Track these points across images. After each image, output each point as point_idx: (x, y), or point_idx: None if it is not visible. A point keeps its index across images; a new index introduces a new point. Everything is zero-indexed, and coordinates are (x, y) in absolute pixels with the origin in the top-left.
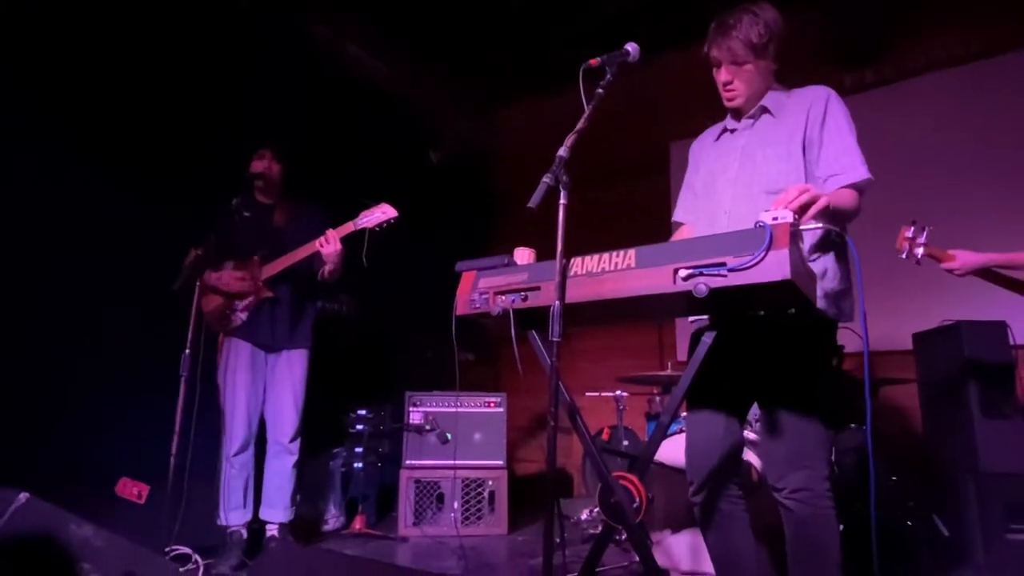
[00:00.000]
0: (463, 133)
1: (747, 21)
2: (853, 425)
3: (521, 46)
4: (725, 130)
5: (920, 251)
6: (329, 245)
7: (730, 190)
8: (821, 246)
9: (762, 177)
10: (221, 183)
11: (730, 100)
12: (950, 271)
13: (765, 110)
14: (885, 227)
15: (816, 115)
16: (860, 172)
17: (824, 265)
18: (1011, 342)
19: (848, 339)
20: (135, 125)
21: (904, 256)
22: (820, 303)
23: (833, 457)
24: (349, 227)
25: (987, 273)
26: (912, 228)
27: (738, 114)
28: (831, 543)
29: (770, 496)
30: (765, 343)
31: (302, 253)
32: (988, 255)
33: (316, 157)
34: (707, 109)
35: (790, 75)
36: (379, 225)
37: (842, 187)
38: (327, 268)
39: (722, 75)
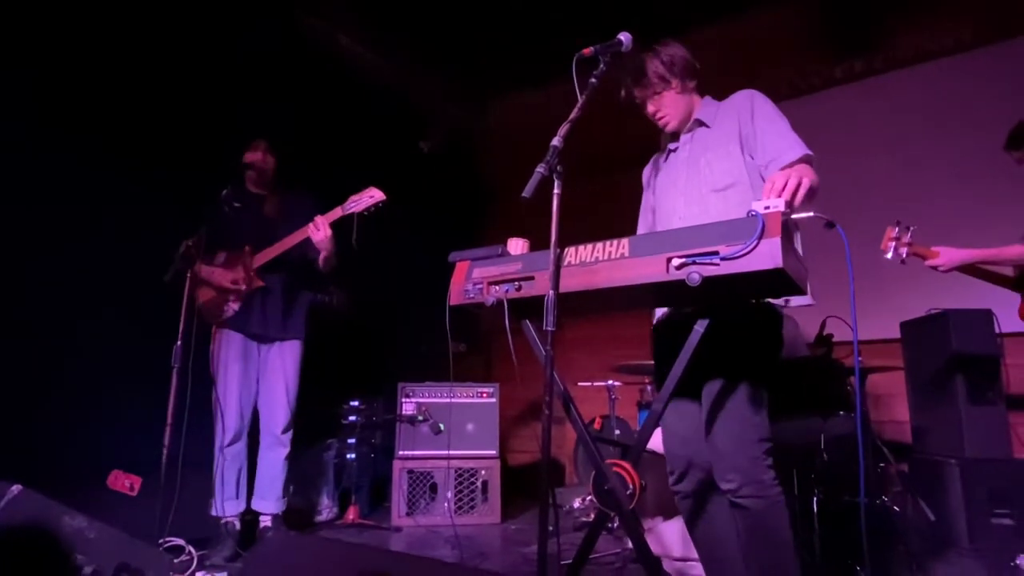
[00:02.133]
0: (454, 122)
1: (649, 59)
2: (842, 412)
3: (513, 35)
4: (669, 151)
5: (904, 251)
6: (319, 232)
7: (681, 197)
8: None
9: (708, 179)
10: (214, 174)
11: (665, 126)
12: (935, 268)
13: (700, 123)
14: (873, 216)
15: (745, 113)
16: (797, 150)
17: None
18: (997, 330)
19: (837, 328)
20: (128, 117)
21: (889, 256)
22: None
23: (822, 444)
24: (337, 212)
25: (970, 268)
26: (896, 228)
27: (676, 134)
28: (783, 526)
29: None
30: (720, 329)
31: (292, 241)
32: (971, 251)
33: (307, 147)
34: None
35: (781, 68)
36: (368, 209)
37: (787, 166)
38: (322, 256)
39: (649, 109)
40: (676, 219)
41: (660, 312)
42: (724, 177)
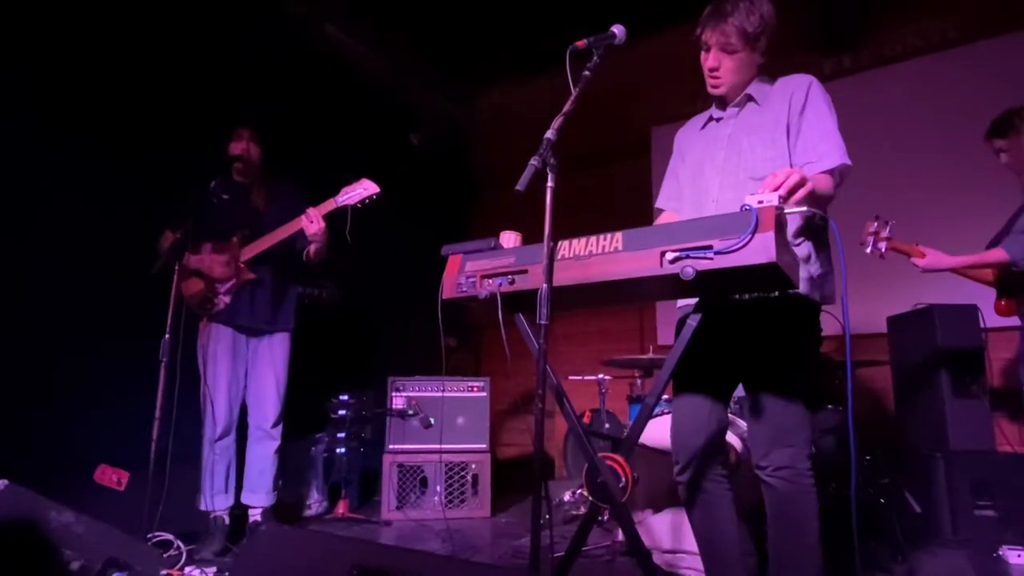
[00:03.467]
0: (445, 115)
1: (744, 8)
2: (830, 406)
3: (505, 27)
4: (711, 119)
5: (883, 245)
6: (313, 224)
7: (717, 177)
8: (804, 231)
9: (748, 164)
10: (201, 165)
11: (714, 88)
12: (917, 266)
13: (750, 98)
14: (860, 212)
15: (797, 102)
16: (835, 158)
17: (807, 250)
18: (981, 325)
19: (826, 322)
20: (114, 106)
21: (868, 250)
22: (804, 287)
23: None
24: (331, 204)
25: (954, 270)
26: (876, 223)
27: (723, 103)
28: (811, 518)
29: (751, 476)
30: (750, 326)
31: (284, 233)
32: (955, 259)
33: (297, 139)
34: (689, 94)
35: (769, 61)
36: (361, 202)
37: (818, 173)
38: (312, 247)
39: (710, 60)
40: (709, 202)
41: (682, 303)
42: (765, 165)
